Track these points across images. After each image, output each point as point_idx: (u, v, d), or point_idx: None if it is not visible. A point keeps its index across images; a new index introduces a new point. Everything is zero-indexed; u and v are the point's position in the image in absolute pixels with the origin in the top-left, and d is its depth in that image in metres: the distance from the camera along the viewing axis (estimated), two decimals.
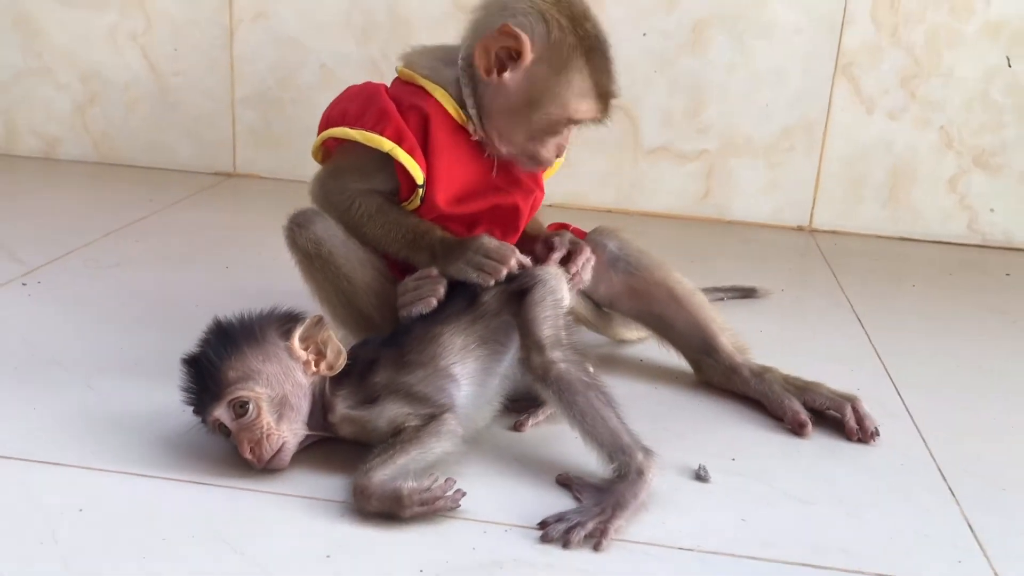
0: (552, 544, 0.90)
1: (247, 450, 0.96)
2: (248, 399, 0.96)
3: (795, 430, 1.15)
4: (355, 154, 1.16)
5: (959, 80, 2.00)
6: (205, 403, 0.98)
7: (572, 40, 1.10)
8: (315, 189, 1.22)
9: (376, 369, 1.04)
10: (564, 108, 1.12)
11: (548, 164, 1.19)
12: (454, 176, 1.17)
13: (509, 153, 1.16)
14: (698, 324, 1.26)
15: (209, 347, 0.99)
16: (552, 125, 1.13)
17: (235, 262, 1.65)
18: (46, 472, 0.96)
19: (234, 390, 0.96)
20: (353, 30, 2.14)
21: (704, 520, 0.96)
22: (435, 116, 1.14)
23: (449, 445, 0.98)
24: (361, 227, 1.17)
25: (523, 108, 1.12)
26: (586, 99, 1.12)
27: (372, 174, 1.16)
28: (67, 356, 1.23)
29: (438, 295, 1.10)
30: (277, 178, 2.25)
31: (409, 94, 1.16)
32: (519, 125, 1.14)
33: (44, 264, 1.57)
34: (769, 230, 2.11)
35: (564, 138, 1.16)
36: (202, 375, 0.99)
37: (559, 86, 1.11)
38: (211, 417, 0.98)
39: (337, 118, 1.17)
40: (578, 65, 1.11)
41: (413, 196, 1.16)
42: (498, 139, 1.16)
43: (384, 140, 1.12)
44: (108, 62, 2.23)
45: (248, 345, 0.99)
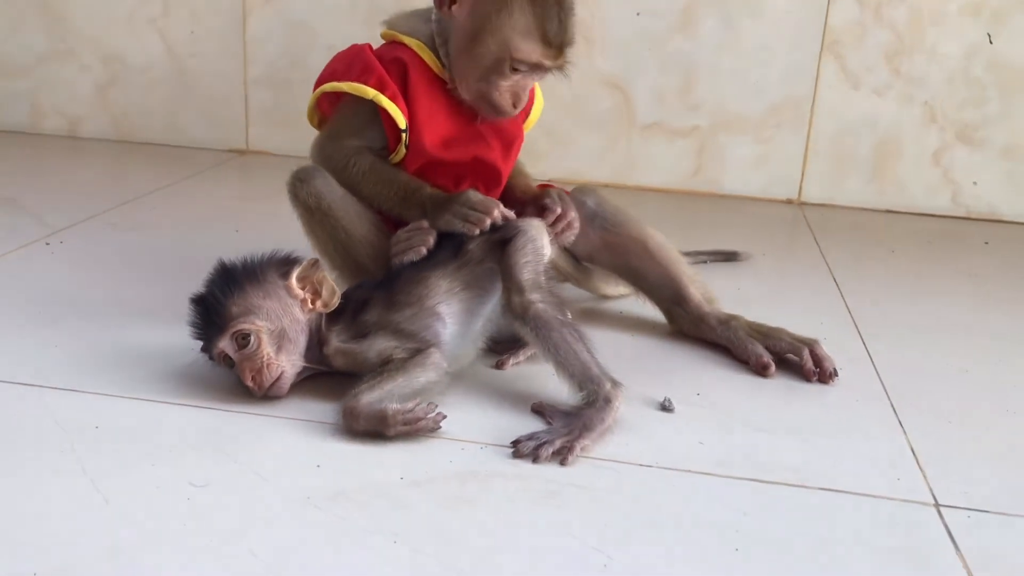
0: (523, 459, 0.98)
1: (249, 378, 1.05)
2: (250, 331, 1.05)
3: (758, 371, 1.23)
4: (347, 113, 1.26)
5: (942, 57, 2.07)
6: (210, 336, 1.08)
7: None
8: (314, 152, 1.32)
9: (368, 308, 1.13)
10: (504, 45, 1.18)
11: (507, 112, 1.23)
12: (437, 121, 1.25)
13: (472, 99, 1.24)
14: (669, 276, 1.34)
15: (214, 286, 1.09)
16: (496, 64, 1.19)
17: (244, 227, 1.75)
18: (64, 397, 1.06)
19: (237, 323, 1.05)
20: (359, 12, 2.23)
21: (664, 443, 1.04)
22: (412, 64, 1.24)
23: (433, 375, 1.07)
24: (357, 184, 1.26)
25: (469, 44, 1.20)
26: (528, 40, 1.17)
27: (363, 130, 1.26)
28: (86, 305, 1.33)
29: (428, 244, 1.18)
30: (287, 155, 2.34)
31: (390, 49, 1.26)
32: (469, 64, 1.21)
33: (66, 227, 1.68)
34: (759, 203, 2.19)
35: (518, 85, 1.22)
36: (208, 311, 1.08)
37: (499, 21, 1.17)
38: (216, 349, 1.07)
39: (327, 76, 1.28)
40: (520, 4, 1.17)
41: (399, 145, 1.24)
42: (459, 83, 1.24)
43: (368, 88, 1.21)
44: (128, 45, 2.34)
45: (250, 283, 1.08)
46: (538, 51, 1.18)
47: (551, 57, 1.20)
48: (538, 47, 1.18)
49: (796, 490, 0.96)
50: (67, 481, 0.90)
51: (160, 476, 0.91)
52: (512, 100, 1.23)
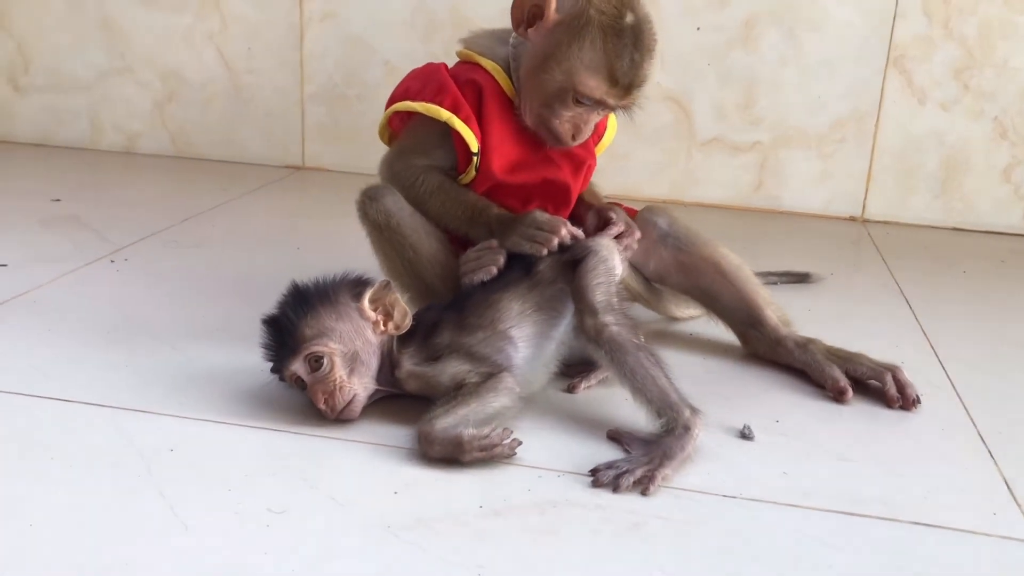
0: (603, 488, 0.96)
1: (321, 401, 1.04)
2: (323, 353, 1.04)
3: (836, 397, 1.20)
4: (418, 132, 1.25)
5: (1013, 71, 2.02)
6: (283, 358, 1.07)
7: (592, 14, 1.15)
8: (383, 169, 1.30)
9: (439, 331, 1.11)
10: (569, 76, 1.16)
11: (564, 143, 1.22)
12: (508, 145, 1.24)
13: (533, 124, 1.22)
14: (744, 298, 1.31)
15: (287, 307, 1.08)
16: (560, 92, 1.17)
17: (305, 244, 1.75)
18: (137, 418, 1.06)
19: (310, 345, 1.04)
20: (417, 29, 2.23)
21: (747, 472, 1.01)
22: (488, 88, 1.22)
23: (507, 400, 1.05)
24: (424, 203, 1.25)
25: (538, 68, 1.18)
26: (595, 75, 1.16)
27: (433, 150, 1.24)
28: (154, 323, 1.33)
29: (498, 264, 1.17)
30: (343, 171, 2.35)
31: (466, 70, 1.24)
32: (535, 88, 1.20)
33: (130, 244, 1.68)
34: (821, 220, 2.15)
35: (580, 117, 1.20)
36: (280, 333, 1.07)
37: (569, 52, 1.15)
38: (288, 371, 1.06)
39: (400, 95, 1.26)
40: (592, 39, 1.15)
41: (470, 166, 1.23)
42: (524, 106, 1.22)
43: (442, 110, 1.20)
44: (186, 61, 2.36)
45: (322, 305, 1.07)
46: (603, 88, 1.16)
47: (616, 96, 1.18)
48: (603, 84, 1.16)
49: (887, 524, 0.93)
50: (146, 506, 0.89)
51: (238, 502, 0.90)
52: (572, 131, 1.21)
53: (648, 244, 1.35)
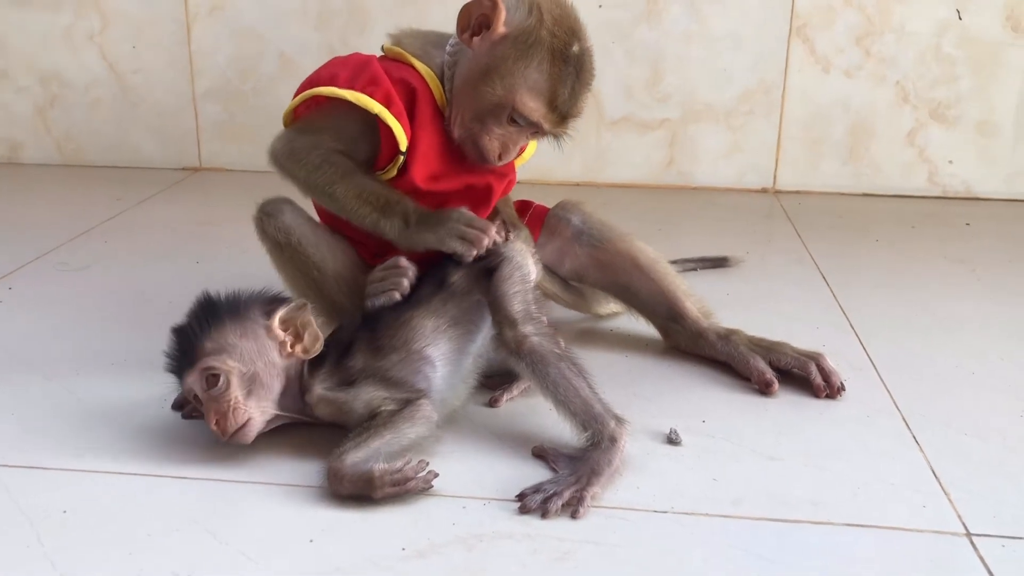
0: (531, 515, 0.92)
1: (213, 421, 0.98)
2: (219, 371, 0.98)
3: (762, 389, 1.18)
4: (333, 116, 1.16)
5: (912, 35, 2.03)
6: (181, 370, 1.00)
7: (544, 35, 1.11)
8: (279, 147, 1.19)
9: (352, 353, 1.06)
10: (510, 92, 1.11)
11: (490, 159, 1.16)
12: (432, 155, 1.18)
13: (460, 137, 1.17)
14: (663, 291, 1.28)
15: (193, 317, 1.02)
16: (496, 107, 1.13)
17: (205, 257, 1.66)
18: (26, 476, 0.98)
19: (207, 361, 0.98)
20: (310, 18, 2.13)
21: (676, 482, 0.98)
22: (422, 92, 1.16)
23: (423, 430, 1.00)
24: (330, 187, 1.15)
25: (477, 79, 1.13)
26: (535, 98, 1.12)
27: (350, 138, 1.16)
28: (42, 361, 1.24)
29: (402, 289, 1.10)
30: (244, 170, 2.26)
31: (398, 68, 1.17)
32: (470, 99, 1.14)
33: (15, 270, 1.57)
34: (734, 194, 2.14)
35: (510, 137, 1.15)
36: (183, 343, 1.01)
37: (514, 69, 1.11)
38: (185, 385, 1.00)
39: (326, 79, 1.17)
40: (540, 60, 1.11)
41: (391, 165, 1.16)
42: (454, 117, 1.17)
43: (374, 102, 1.12)
44: (66, 63, 2.22)
45: (230, 319, 1.01)
46: (541, 111, 1.12)
47: (551, 122, 1.14)
48: (543, 108, 1.12)
49: (820, 528, 0.91)
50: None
51: (140, 567, 0.83)
52: (499, 150, 1.16)
53: (562, 243, 1.31)
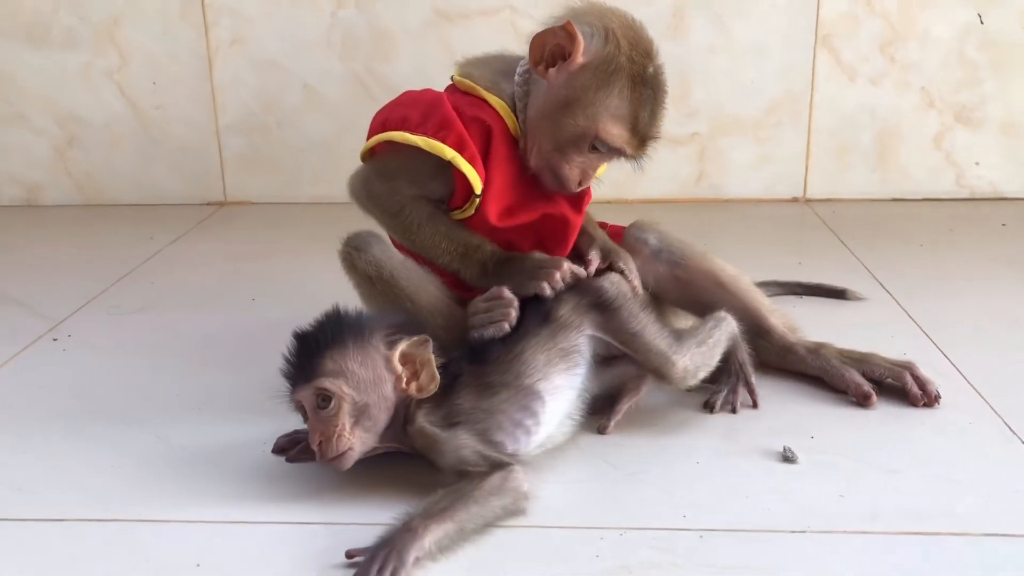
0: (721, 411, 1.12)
1: (316, 441, 0.97)
2: (333, 394, 0.96)
3: (860, 401, 1.18)
4: (408, 157, 1.16)
5: (935, 41, 2.05)
6: (296, 380, 0.99)
7: (624, 62, 1.11)
8: (357, 187, 1.21)
9: (460, 389, 1.04)
10: (593, 121, 1.12)
11: (570, 187, 1.17)
12: (507, 188, 1.17)
13: (536, 167, 1.17)
14: (747, 308, 1.28)
15: (320, 330, 1.00)
16: (578, 138, 1.13)
17: (259, 293, 1.64)
18: (147, 531, 0.95)
19: (324, 381, 0.97)
20: (334, 47, 2.12)
21: (804, 501, 0.98)
22: (497, 129, 1.15)
23: (510, 501, 0.95)
24: (410, 233, 1.18)
25: (556, 110, 1.13)
26: (617, 124, 1.13)
27: (425, 180, 1.16)
28: (122, 410, 1.21)
29: (510, 320, 1.09)
30: (269, 202, 2.23)
31: (470, 105, 1.16)
32: (549, 130, 1.15)
33: (68, 316, 1.54)
34: (765, 204, 2.15)
35: (589, 164, 1.16)
36: (305, 353, 0.99)
37: (596, 98, 1.11)
38: (296, 396, 0.99)
39: (397, 122, 1.17)
40: (620, 87, 1.11)
41: (467, 205, 1.16)
42: (530, 146, 1.17)
43: (446, 148, 1.12)
44: (85, 102, 2.18)
45: (353, 342, 0.99)
46: (624, 137, 1.13)
47: (633, 146, 1.14)
48: (625, 133, 1.13)
49: (961, 539, 0.91)
50: None
51: None
52: (579, 177, 1.16)
53: (642, 262, 1.31)
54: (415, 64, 2.12)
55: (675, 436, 1.12)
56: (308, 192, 2.22)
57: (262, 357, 1.33)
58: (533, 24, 2.03)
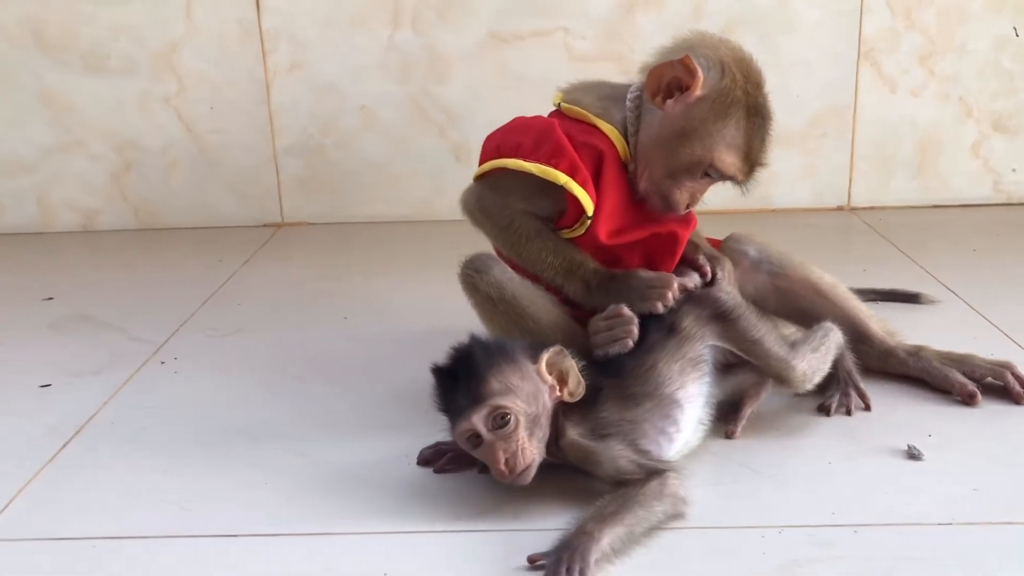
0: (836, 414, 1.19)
1: (502, 461, 1.00)
2: (509, 411, 1.01)
3: (965, 400, 1.24)
4: (520, 178, 1.21)
5: (972, 52, 2.14)
6: (462, 410, 1.02)
7: (739, 94, 1.17)
8: (470, 201, 1.27)
9: (602, 401, 1.09)
10: (709, 151, 1.18)
11: (678, 210, 1.23)
12: (616, 210, 1.23)
13: (645, 190, 1.22)
14: (847, 315, 1.34)
15: (471, 359, 1.04)
16: (693, 166, 1.19)
17: (350, 312, 1.68)
18: (328, 544, 0.99)
19: (497, 400, 1.01)
20: (391, 70, 2.17)
21: (941, 495, 1.04)
22: (608, 154, 1.21)
23: (670, 507, 1.00)
24: (518, 246, 1.23)
25: (673, 140, 1.19)
26: (732, 153, 1.19)
27: (535, 198, 1.22)
28: (257, 429, 1.25)
29: (632, 337, 1.14)
30: (326, 223, 2.27)
31: (581, 131, 1.22)
32: (663, 158, 1.20)
33: (166, 340, 1.57)
34: (811, 213, 2.22)
35: (699, 188, 1.23)
36: (462, 383, 1.03)
37: (713, 129, 1.17)
38: (467, 423, 1.01)
39: (510, 149, 1.22)
40: (737, 118, 1.18)
41: (578, 225, 1.21)
42: (641, 172, 1.22)
43: (559, 174, 1.17)
44: (142, 128, 2.22)
45: (506, 362, 1.04)
46: (736, 165, 1.19)
47: (744, 173, 1.21)
48: (738, 161, 1.19)
49: None
50: None
51: None
52: (688, 201, 1.22)
53: (741, 272, 1.36)
54: (470, 86, 2.17)
55: (799, 438, 1.18)
56: (364, 212, 2.26)
57: (375, 373, 1.41)
58: (586, 44, 2.13)
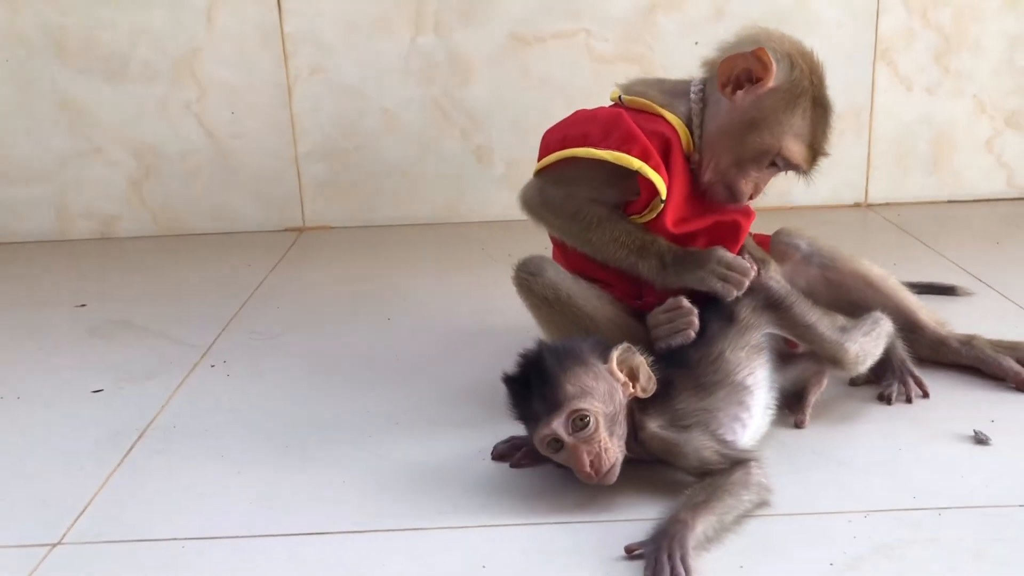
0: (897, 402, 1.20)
1: (587, 463, 1.01)
2: (588, 412, 1.02)
3: (1020, 387, 1.27)
4: (584, 168, 1.22)
5: (985, 50, 2.18)
6: (540, 416, 1.03)
7: (807, 86, 1.21)
8: (532, 195, 1.27)
9: (676, 393, 1.10)
10: (778, 139, 1.21)
11: (742, 200, 1.26)
12: (682, 200, 1.24)
13: (710, 181, 1.24)
14: (898, 306, 1.36)
15: (542, 365, 1.05)
16: (761, 154, 1.21)
17: (393, 313, 1.68)
18: (422, 539, 1.00)
19: (575, 403, 1.02)
20: (413, 73, 2.17)
21: (1017, 477, 1.06)
22: (675, 143, 1.23)
23: (756, 496, 1.01)
24: (586, 232, 1.23)
25: (741, 129, 1.21)
26: (799, 142, 1.22)
27: (603, 187, 1.23)
28: (326, 429, 1.25)
29: (694, 327, 1.16)
30: (348, 226, 2.27)
31: (648, 120, 1.24)
32: (731, 147, 1.22)
33: (212, 343, 1.57)
34: (829, 210, 2.26)
35: (763, 178, 1.25)
36: (536, 390, 1.04)
37: (783, 118, 1.20)
38: (547, 429, 1.02)
39: (578, 139, 1.23)
40: (804, 108, 1.21)
41: (648, 211, 1.22)
42: (707, 162, 1.24)
43: (633, 159, 1.18)
44: (161, 134, 2.21)
45: (578, 365, 1.05)
46: (802, 154, 1.22)
47: (808, 161, 1.24)
48: (804, 150, 1.22)
49: None
50: None
51: None
52: (752, 191, 1.25)
53: (792, 265, 1.39)
54: (492, 88, 2.18)
55: (864, 425, 1.20)
56: (386, 215, 2.27)
57: (428, 373, 1.43)
58: (608, 46, 2.14)
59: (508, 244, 2.03)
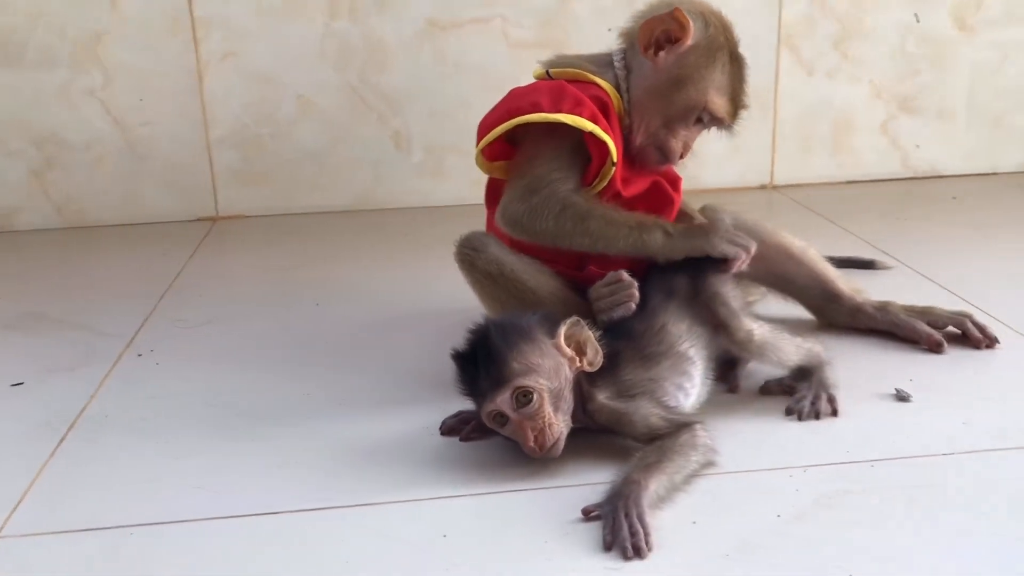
0: (805, 419, 1.15)
1: (531, 438, 1.04)
2: (532, 389, 1.04)
3: (932, 348, 1.35)
4: (548, 154, 1.23)
5: (880, 38, 2.29)
6: (485, 392, 1.05)
7: (723, 41, 1.26)
8: (518, 210, 1.23)
9: (623, 364, 1.13)
10: (703, 95, 1.25)
11: (674, 159, 1.30)
12: (622, 160, 1.27)
13: (643, 143, 1.28)
14: (817, 276, 1.43)
15: (489, 341, 1.06)
16: (688, 110, 1.26)
17: (321, 298, 1.66)
18: (383, 513, 1.00)
19: (520, 380, 1.03)
20: (328, 59, 2.15)
21: (937, 429, 1.13)
22: (611, 106, 1.26)
23: (702, 457, 1.05)
24: (582, 223, 1.21)
25: (667, 89, 1.25)
26: (722, 96, 1.27)
27: (570, 168, 1.23)
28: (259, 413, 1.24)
29: (635, 300, 1.19)
30: (264, 215, 2.23)
31: (583, 88, 1.26)
32: (659, 107, 1.27)
33: (136, 334, 1.52)
34: (737, 192, 2.33)
35: (691, 136, 1.30)
36: (482, 366, 1.05)
37: (705, 73, 1.25)
38: (492, 405, 1.04)
39: (528, 108, 1.23)
40: (723, 62, 1.26)
41: (598, 179, 1.24)
42: (637, 125, 1.27)
43: (585, 121, 1.20)
44: (64, 122, 2.12)
45: (524, 341, 1.07)
46: (726, 107, 1.27)
47: (731, 115, 1.29)
48: (727, 104, 1.27)
49: None
50: None
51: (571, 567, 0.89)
52: (682, 149, 1.29)
53: None
54: (409, 73, 2.17)
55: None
56: (303, 203, 2.24)
57: (363, 355, 1.43)
58: (524, 32, 2.16)
59: (429, 230, 2.03)
